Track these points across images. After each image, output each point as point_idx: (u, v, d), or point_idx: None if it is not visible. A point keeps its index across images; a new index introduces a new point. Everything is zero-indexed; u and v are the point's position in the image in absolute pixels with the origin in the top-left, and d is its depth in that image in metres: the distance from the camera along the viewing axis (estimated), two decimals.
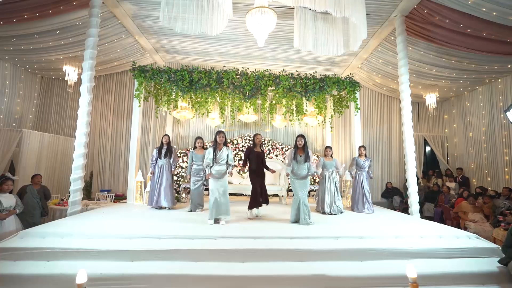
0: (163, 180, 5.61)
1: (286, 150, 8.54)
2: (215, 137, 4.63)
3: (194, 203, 5.53)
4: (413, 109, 5.83)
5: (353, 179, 6.11)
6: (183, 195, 6.82)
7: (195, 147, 5.77)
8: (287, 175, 4.86)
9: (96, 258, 3.18)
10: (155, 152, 5.78)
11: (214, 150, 4.58)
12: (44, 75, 8.42)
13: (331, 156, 5.86)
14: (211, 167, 4.53)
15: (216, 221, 4.46)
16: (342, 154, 9.15)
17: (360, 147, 6.10)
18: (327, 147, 5.93)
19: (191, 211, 5.47)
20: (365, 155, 6.04)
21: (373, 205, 6.06)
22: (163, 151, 5.77)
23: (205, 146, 6.07)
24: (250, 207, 4.91)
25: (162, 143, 5.86)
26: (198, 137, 5.78)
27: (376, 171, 9.20)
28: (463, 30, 5.32)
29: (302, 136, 4.79)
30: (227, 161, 4.60)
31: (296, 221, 4.55)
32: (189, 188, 6.99)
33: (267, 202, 5.16)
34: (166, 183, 5.61)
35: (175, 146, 8.03)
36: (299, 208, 4.52)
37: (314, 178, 7.65)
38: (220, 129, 4.84)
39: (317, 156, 8.33)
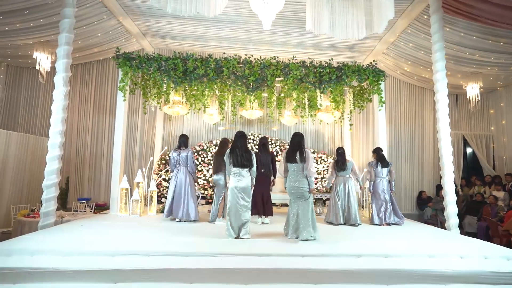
0: (192, 188, 5.85)
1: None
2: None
3: (214, 212, 5.85)
4: (450, 103, 5.77)
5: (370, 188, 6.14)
6: None
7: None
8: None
9: (73, 279, 3.20)
10: (174, 154, 5.92)
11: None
12: (11, 63, 8.51)
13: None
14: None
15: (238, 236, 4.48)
16: (363, 157, 9.10)
17: (374, 150, 6.22)
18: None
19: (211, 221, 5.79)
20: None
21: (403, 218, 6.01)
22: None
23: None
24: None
25: (180, 145, 6.00)
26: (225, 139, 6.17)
27: (405, 178, 9.13)
28: None
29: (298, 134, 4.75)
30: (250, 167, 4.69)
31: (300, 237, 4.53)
32: None
33: (269, 214, 5.74)
34: (194, 192, 5.88)
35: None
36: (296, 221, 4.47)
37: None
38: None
39: (332, 159, 8.27)
